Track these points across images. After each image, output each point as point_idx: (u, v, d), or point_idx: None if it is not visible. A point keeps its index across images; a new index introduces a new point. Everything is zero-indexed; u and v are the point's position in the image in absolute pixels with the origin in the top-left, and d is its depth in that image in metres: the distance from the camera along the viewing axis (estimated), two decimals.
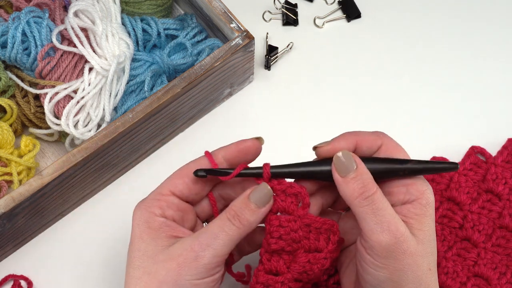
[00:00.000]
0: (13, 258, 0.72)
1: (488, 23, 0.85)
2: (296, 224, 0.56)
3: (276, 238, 0.56)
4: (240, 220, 0.55)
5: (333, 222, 0.57)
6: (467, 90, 0.81)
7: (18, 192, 0.65)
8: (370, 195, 0.54)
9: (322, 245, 0.57)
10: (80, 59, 0.73)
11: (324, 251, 0.57)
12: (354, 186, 0.54)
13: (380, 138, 0.58)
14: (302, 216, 0.57)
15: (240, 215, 0.55)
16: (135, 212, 0.57)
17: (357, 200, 0.54)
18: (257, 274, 0.57)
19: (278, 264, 0.57)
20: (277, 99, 0.80)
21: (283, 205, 0.57)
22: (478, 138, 0.77)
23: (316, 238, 0.57)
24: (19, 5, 0.75)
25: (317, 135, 0.78)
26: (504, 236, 0.71)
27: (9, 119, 0.74)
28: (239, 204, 0.55)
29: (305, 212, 0.57)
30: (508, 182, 0.73)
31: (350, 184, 0.54)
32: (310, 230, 0.57)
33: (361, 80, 0.81)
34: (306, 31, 0.85)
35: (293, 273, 0.57)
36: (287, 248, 0.56)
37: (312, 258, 0.57)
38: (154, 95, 0.70)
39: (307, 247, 0.57)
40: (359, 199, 0.54)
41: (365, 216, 0.54)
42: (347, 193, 0.55)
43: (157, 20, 0.77)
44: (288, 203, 0.57)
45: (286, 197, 0.57)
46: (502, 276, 0.69)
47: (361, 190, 0.54)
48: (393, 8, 0.86)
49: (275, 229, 0.56)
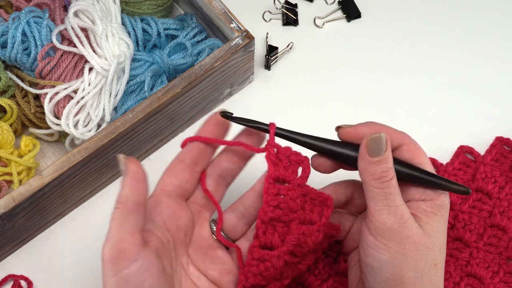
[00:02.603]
0: (13, 258, 0.72)
1: (485, 24, 0.85)
2: (296, 193, 0.57)
3: (274, 206, 0.56)
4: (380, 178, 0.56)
5: (327, 196, 0.58)
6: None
7: (18, 192, 0.65)
8: (387, 180, 0.55)
9: (315, 217, 0.57)
10: (80, 59, 0.73)
11: (318, 224, 0.57)
12: (378, 168, 0.56)
13: (402, 138, 0.59)
14: (301, 185, 0.57)
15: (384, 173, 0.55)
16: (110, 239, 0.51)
17: (375, 181, 0.56)
18: (252, 250, 0.57)
19: (273, 238, 0.57)
20: (277, 99, 0.80)
21: (284, 173, 0.57)
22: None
23: (311, 210, 0.57)
24: (19, 5, 0.75)
25: (317, 135, 0.78)
26: (495, 234, 0.71)
27: (9, 119, 0.74)
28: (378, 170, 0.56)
29: (304, 182, 0.58)
30: (497, 180, 0.73)
31: (374, 165, 0.56)
32: (306, 200, 0.58)
33: (361, 80, 0.82)
34: (306, 31, 0.85)
35: (288, 246, 0.56)
36: (283, 217, 0.57)
37: (306, 230, 0.57)
38: (154, 95, 0.70)
39: (302, 218, 0.57)
40: (377, 181, 0.55)
41: (376, 197, 0.55)
42: (368, 172, 0.56)
43: (157, 20, 0.77)
44: (290, 171, 0.57)
45: (289, 165, 0.58)
46: (495, 275, 0.69)
47: (382, 174, 0.55)
48: (393, 8, 0.86)
49: (273, 197, 0.56)
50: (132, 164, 0.52)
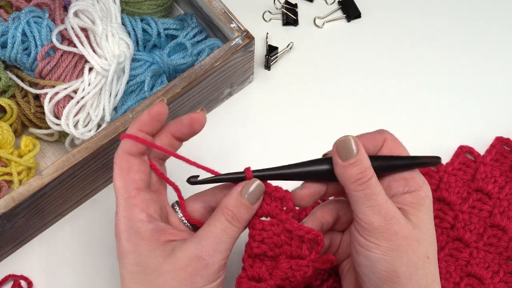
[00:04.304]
0: (13, 258, 0.72)
1: (485, 24, 0.85)
2: (279, 228, 0.56)
3: (258, 241, 0.56)
4: (238, 220, 0.55)
5: (317, 232, 0.57)
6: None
7: (18, 192, 0.65)
8: (366, 181, 0.55)
9: (305, 253, 0.57)
10: (80, 59, 0.73)
11: (307, 259, 0.57)
12: (352, 171, 0.55)
13: (383, 136, 0.59)
14: (285, 220, 0.57)
15: (238, 215, 0.55)
16: (119, 226, 0.54)
17: (353, 185, 0.55)
18: (239, 281, 0.57)
19: (261, 271, 0.57)
20: (277, 99, 0.80)
21: (268, 209, 0.57)
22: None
23: (299, 246, 0.57)
24: (19, 5, 0.75)
25: (317, 135, 0.78)
26: (495, 234, 0.71)
27: (9, 119, 0.74)
28: (234, 203, 0.55)
29: (288, 216, 0.57)
30: (497, 180, 0.73)
31: (349, 169, 0.55)
32: (292, 237, 0.57)
33: (361, 80, 0.82)
34: (306, 31, 0.85)
35: (276, 279, 0.56)
36: (269, 253, 0.56)
37: (295, 264, 0.57)
38: (154, 95, 0.70)
39: (289, 253, 0.57)
40: (355, 184, 0.55)
41: (358, 200, 0.55)
42: (345, 177, 0.56)
43: (157, 20, 0.77)
44: (273, 206, 0.57)
45: (271, 201, 0.57)
46: (495, 275, 0.69)
47: (359, 176, 0.55)
48: (393, 8, 0.86)
49: (258, 232, 0.56)
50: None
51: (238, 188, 0.56)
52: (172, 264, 0.53)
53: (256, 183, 0.56)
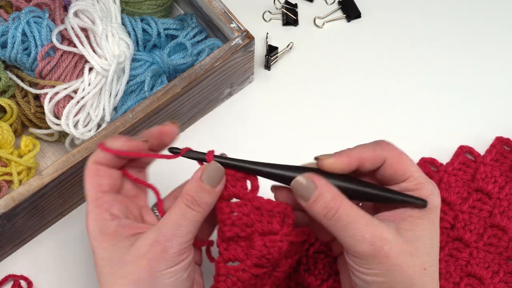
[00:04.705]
0: (13, 258, 0.72)
1: (485, 24, 0.85)
2: (247, 208, 0.56)
3: (229, 225, 0.56)
4: (198, 203, 0.55)
5: (285, 205, 0.57)
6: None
7: (18, 192, 0.65)
8: (333, 214, 0.54)
9: (276, 227, 0.57)
10: (80, 59, 0.73)
11: (279, 234, 0.56)
12: (317, 209, 0.54)
13: (383, 153, 0.57)
14: (252, 199, 0.57)
15: (197, 199, 0.55)
16: (88, 228, 0.57)
17: (323, 221, 0.55)
18: (217, 266, 0.57)
19: (236, 252, 0.57)
20: (277, 99, 0.80)
21: (234, 191, 0.57)
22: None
23: (269, 221, 0.57)
24: (19, 5, 0.75)
25: (317, 135, 0.78)
26: (495, 234, 0.71)
27: (9, 119, 0.74)
28: (193, 188, 0.55)
29: (254, 194, 0.57)
30: (497, 180, 0.73)
31: (314, 208, 0.55)
32: (262, 213, 0.57)
33: (361, 80, 0.82)
34: (306, 31, 0.85)
35: (252, 259, 0.56)
36: (241, 233, 0.56)
37: (268, 241, 0.56)
38: (154, 95, 0.70)
39: (260, 230, 0.57)
40: (326, 219, 0.54)
41: (337, 233, 0.54)
42: (314, 216, 0.55)
43: (157, 20, 0.77)
44: (238, 187, 0.57)
45: (236, 182, 0.57)
46: (495, 275, 0.69)
47: (324, 212, 0.54)
48: (393, 8, 0.86)
49: (227, 216, 0.56)
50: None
51: (198, 173, 0.56)
52: (133, 253, 0.54)
53: (215, 166, 0.56)
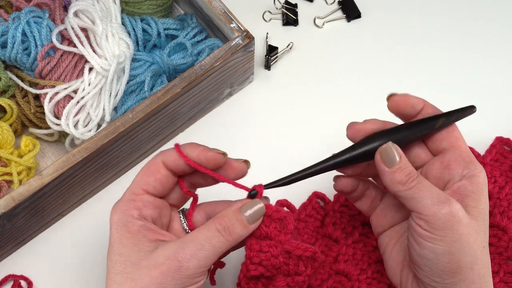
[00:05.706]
0: (13, 258, 0.72)
1: (485, 24, 0.85)
2: (277, 250, 0.55)
3: (256, 263, 0.55)
4: (230, 233, 0.54)
5: (314, 249, 0.56)
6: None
7: (18, 192, 0.65)
8: (415, 178, 0.57)
9: (301, 269, 0.56)
10: (80, 59, 0.73)
11: (303, 275, 0.56)
12: (400, 175, 0.57)
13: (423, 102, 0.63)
14: (283, 241, 0.56)
15: (231, 228, 0.54)
16: (113, 216, 0.56)
17: (404, 186, 0.57)
18: None
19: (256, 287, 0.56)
20: (277, 99, 0.80)
21: (266, 231, 0.56)
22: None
23: (296, 264, 0.56)
24: (19, 5, 0.75)
25: (317, 135, 0.78)
26: (495, 235, 0.71)
27: (9, 119, 0.74)
28: (230, 216, 0.55)
29: (287, 238, 0.56)
30: (497, 180, 0.73)
31: (396, 174, 0.57)
32: (290, 256, 0.56)
33: (361, 80, 0.82)
34: (306, 31, 0.85)
35: None
36: (266, 274, 0.55)
37: (291, 281, 0.56)
38: (154, 95, 0.70)
39: (286, 272, 0.56)
40: (406, 184, 0.57)
41: (415, 196, 0.56)
42: (394, 182, 0.57)
43: (157, 20, 0.77)
44: (272, 228, 0.56)
45: (271, 222, 0.56)
46: (495, 275, 0.69)
47: (407, 178, 0.57)
48: (393, 8, 0.86)
49: (255, 254, 0.55)
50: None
51: (239, 204, 0.56)
52: (150, 260, 0.54)
53: (258, 206, 0.56)
